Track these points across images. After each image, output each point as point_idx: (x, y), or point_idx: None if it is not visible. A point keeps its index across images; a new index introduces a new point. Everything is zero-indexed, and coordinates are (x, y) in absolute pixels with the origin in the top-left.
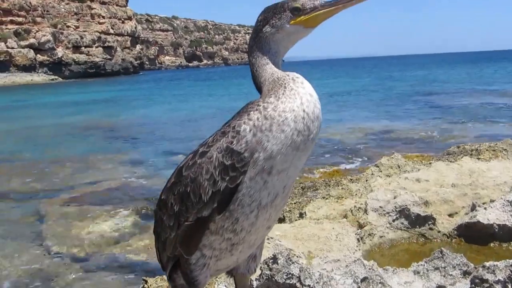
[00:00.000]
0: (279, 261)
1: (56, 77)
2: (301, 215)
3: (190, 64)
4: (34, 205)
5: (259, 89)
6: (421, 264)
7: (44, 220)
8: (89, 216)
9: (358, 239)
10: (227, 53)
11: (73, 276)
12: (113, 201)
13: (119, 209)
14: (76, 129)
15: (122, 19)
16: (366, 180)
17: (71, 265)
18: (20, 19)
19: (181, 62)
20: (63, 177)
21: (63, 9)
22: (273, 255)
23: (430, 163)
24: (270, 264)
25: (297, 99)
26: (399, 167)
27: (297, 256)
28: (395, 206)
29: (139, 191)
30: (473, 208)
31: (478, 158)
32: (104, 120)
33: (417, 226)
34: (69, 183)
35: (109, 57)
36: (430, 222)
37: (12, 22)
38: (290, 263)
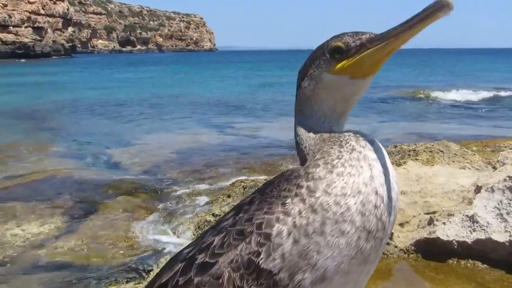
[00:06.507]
0: None
1: None
2: None
3: (124, 49)
4: None
5: (303, 164)
6: None
7: None
8: (11, 214)
9: None
10: (161, 39)
11: None
12: (39, 197)
13: (45, 206)
14: (1, 114)
15: (54, 0)
16: None
17: None
18: None
19: (114, 47)
20: None
21: None
22: None
23: None
24: None
25: (365, 170)
26: None
27: None
28: None
29: (66, 185)
30: (431, 222)
31: (416, 159)
32: (30, 105)
33: None
34: None
35: (39, 38)
36: None
37: None
38: None
